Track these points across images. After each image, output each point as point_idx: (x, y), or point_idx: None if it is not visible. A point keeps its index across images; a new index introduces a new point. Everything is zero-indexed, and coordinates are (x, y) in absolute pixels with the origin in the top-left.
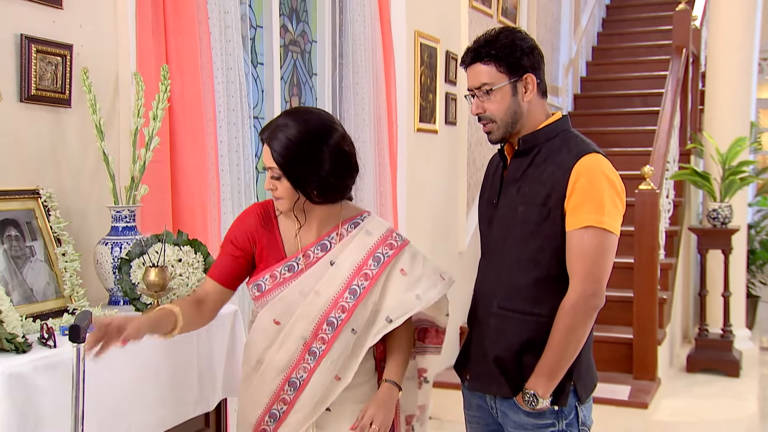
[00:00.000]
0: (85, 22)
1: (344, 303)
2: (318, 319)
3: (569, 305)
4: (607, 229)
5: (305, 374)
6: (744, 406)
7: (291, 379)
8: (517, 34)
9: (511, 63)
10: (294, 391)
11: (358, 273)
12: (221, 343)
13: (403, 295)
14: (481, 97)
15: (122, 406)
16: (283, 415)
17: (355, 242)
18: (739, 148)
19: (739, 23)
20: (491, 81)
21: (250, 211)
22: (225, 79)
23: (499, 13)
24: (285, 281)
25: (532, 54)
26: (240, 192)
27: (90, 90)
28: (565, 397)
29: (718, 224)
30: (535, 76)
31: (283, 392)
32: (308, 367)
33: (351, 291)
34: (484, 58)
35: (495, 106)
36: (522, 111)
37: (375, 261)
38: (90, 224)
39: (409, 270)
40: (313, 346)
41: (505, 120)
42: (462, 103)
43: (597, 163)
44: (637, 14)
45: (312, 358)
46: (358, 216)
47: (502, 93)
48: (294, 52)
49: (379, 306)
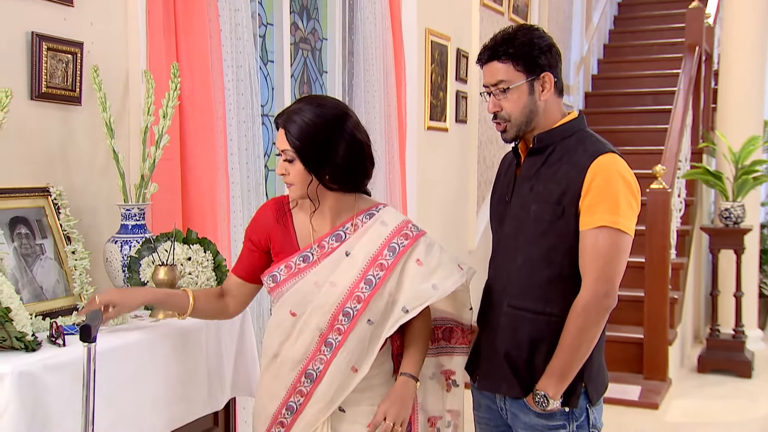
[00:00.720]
0: (96, 19)
1: (360, 293)
2: (334, 310)
3: (581, 305)
4: (621, 229)
5: (322, 366)
6: (756, 408)
7: (308, 370)
8: (536, 32)
9: (529, 62)
10: (311, 383)
11: (373, 263)
12: (230, 342)
13: (419, 285)
14: (497, 95)
15: (131, 406)
16: (300, 407)
17: (370, 233)
18: (752, 147)
19: (753, 21)
20: (508, 79)
21: (266, 207)
22: (235, 77)
23: (510, 10)
24: (300, 272)
25: (549, 52)
26: (250, 190)
27: (100, 88)
28: (576, 399)
29: (730, 224)
30: (553, 74)
31: (300, 384)
32: (324, 359)
33: (366, 281)
34: (502, 57)
35: (511, 105)
36: (538, 110)
37: (390, 251)
38: (100, 222)
39: (424, 260)
40: (329, 338)
41: (520, 119)
42: (472, 102)
43: (613, 163)
44: (649, 12)
45: (328, 349)
46: (373, 207)
47: (519, 92)
48: (304, 50)
49: (395, 296)
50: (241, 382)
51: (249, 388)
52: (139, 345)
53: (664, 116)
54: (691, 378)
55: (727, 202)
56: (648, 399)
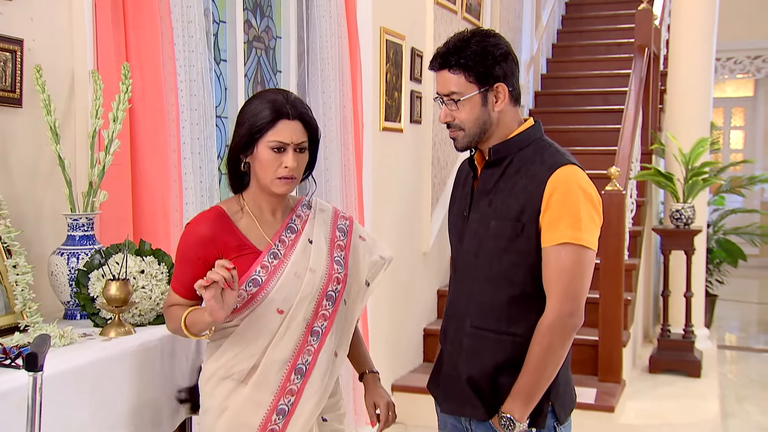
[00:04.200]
0: (37, 14)
1: (337, 275)
2: (317, 296)
3: (546, 325)
4: (584, 245)
5: (310, 357)
6: (707, 407)
7: (297, 366)
8: (490, 39)
9: (481, 72)
10: (301, 378)
11: (333, 245)
12: (186, 358)
13: (370, 258)
14: (449, 105)
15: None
16: (293, 408)
17: (318, 219)
18: (702, 148)
19: (700, 24)
20: (460, 90)
21: (205, 221)
22: (188, 77)
23: (463, 9)
24: (276, 268)
25: (505, 62)
26: (203, 196)
27: (44, 89)
28: (543, 419)
29: (681, 225)
30: (507, 84)
31: (290, 383)
32: (312, 349)
33: (336, 262)
34: (453, 67)
35: (464, 116)
36: (492, 121)
37: (341, 232)
38: (44, 233)
39: (365, 236)
40: (315, 326)
41: (474, 130)
42: (427, 102)
43: (573, 176)
44: (596, 12)
45: (315, 338)
46: (302, 199)
47: (471, 103)
48: (258, 49)
49: (357, 272)
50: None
51: None
52: (89, 367)
53: (614, 116)
54: (643, 379)
55: (678, 203)
56: (604, 402)
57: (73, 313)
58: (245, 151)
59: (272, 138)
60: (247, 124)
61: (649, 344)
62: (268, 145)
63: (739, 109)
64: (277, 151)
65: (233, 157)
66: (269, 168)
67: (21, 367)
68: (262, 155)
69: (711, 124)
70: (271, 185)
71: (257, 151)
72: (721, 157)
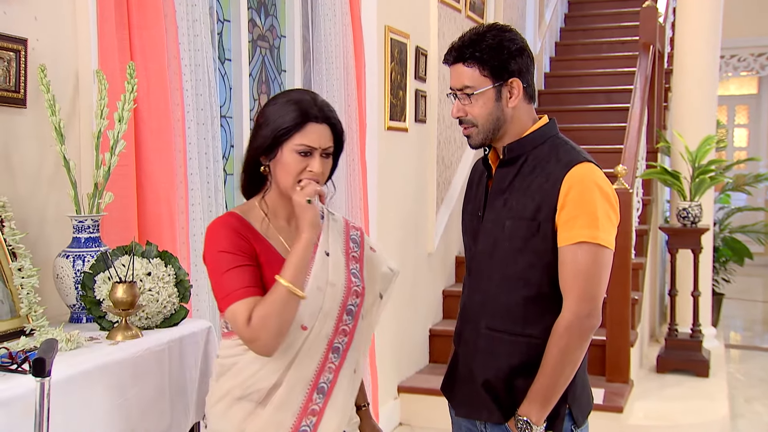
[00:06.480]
0: (41, 14)
1: (356, 288)
2: (338, 311)
3: (563, 327)
4: (601, 244)
5: (331, 375)
6: (716, 408)
7: (319, 384)
8: (506, 34)
9: (496, 66)
10: (323, 398)
11: (348, 257)
12: (194, 362)
13: (381, 270)
14: (462, 99)
15: None
16: (314, 428)
17: (331, 230)
18: (708, 146)
19: (705, 21)
20: (473, 84)
21: (233, 219)
22: (193, 77)
23: (467, 8)
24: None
25: (520, 57)
26: (210, 197)
27: (48, 89)
28: (560, 422)
29: (688, 223)
30: (522, 80)
31: (312, 403)
32: (333, 367)
33: (353, 275)
34: (468, 60)
35: (477, 111)
36: (506, 117)
37: (353, 243)
38: (49, 235)
39: (374, 246)
40: (335, 342)
41: (487, 126)
42: (431, 101)
43: (589, 174)
44: (599, 10)
45: (336, 355)
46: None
47: (485, 98)
48: (263, 48)
49: (372, 285)
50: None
51: None
52: (96, 372)
53: (618, 114)
54: (651, 379)
55: (684, 201)
56: (612, 402)
57: (79, 316)
58: (267, 153)
59: (299, 141)
60: (272, 125)
61: (656, 344)
62: (294, 149)
63: (743, 106)
64: (302, 155)
65: (252, 160)
66: (293, 172)
67: (28, 372)
68: (287, 159)
69: (718, 122)
70: (292, 191)
71: (281, 155)
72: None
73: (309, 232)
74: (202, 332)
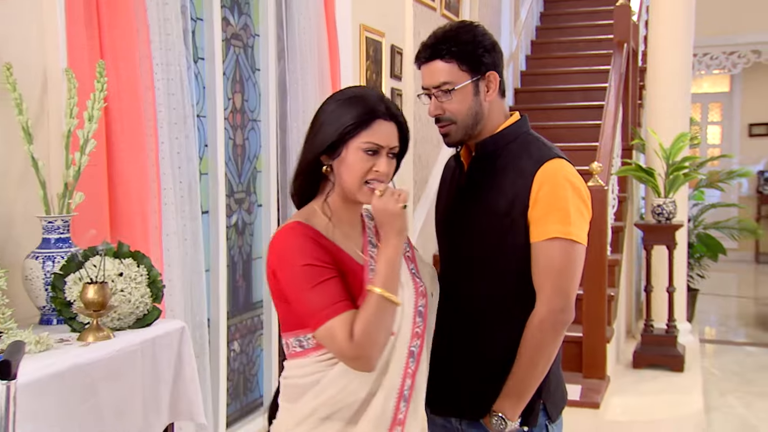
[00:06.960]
0: (6, 10)
1: (421, 288)
2: (411, 314)
3: (537, 322)
4: (574, 239)
5: (411, 381)
6: (691, 402)
7: (403, 392)
8: (477, 29)
9: (474, 61)
10: (405, 405)
11: (405, 258)
12: (167, 363)
13: (426, 268)
14: (440, 97)
15: None
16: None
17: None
18: (682, 143)
19: (678, 19)
20: (452, 80)
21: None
22: (165, 76)
23: (442, 6)
24: None
25: (494, 51)
26: (183, 197)
27: (14, 88)
28: (534, 417)
29: (662, 220)
30: (498, 74)
31: (399, 412)
32: (411, 372)
33: (414, 276)
34: (445, 56)
35: (456, 107)
36: (483, 112)
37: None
38: (17, 236)
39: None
40: (411, 346)
41: (467, 121)
42: (407, 99)
43: (560, 170)
44: (574, 8)
45: (412, 360)
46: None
47: (464, 93)
48: (236, 47)
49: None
50: (180, 405)
51: (189, 412)
52: (66, 373)
53: (594, 112)
54: (627, 374)
55: (659, 198)
56: (589, 399)
57: (50, 318)
58: (330, 152)
59: (366, 139)
60: (336, 122)
61: (632, 340)
62: (361, 147)
63: (716, 104)
64: (369, 154)
65: (312, 160)
66: (358, 172)
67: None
68: (352, 158)
69: (691, 119)
70: (358, 192)
71: (345, 153)
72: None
73: (397, 238)
74: (176, 333)
